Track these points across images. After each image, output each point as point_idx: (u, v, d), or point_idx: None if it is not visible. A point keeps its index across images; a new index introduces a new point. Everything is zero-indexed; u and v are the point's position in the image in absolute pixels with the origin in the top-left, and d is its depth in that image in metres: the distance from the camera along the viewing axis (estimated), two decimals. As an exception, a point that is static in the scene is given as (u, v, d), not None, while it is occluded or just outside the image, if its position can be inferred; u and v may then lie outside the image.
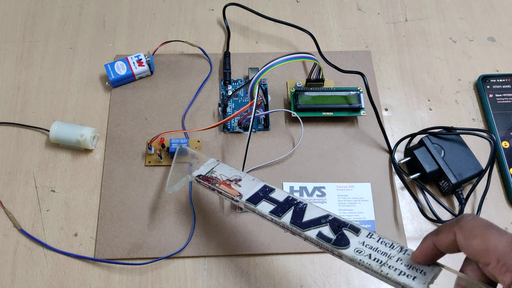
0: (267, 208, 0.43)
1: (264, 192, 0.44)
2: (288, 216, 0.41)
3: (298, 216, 0.41)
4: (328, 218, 0.40)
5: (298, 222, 0.41)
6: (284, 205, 0.42)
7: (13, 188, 0.55)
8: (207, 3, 0.69)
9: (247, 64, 0.64)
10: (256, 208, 0.43)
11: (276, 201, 0.43)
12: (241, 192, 0.45)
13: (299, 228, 0.40)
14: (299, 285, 0.50)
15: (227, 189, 0.45)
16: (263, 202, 0.43)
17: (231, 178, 0.46)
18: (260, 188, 0.45)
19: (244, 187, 0.45)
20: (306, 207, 0.42)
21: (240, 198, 0.44)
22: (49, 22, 0.67)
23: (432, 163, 0.54)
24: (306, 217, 0.41)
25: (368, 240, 0.38)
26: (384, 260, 0.36)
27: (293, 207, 0.42)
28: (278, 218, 0.42)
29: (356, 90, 0.59)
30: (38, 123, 0.59)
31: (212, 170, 0.48)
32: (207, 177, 0.47)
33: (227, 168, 0.48)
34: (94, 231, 0.52)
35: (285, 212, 0.42)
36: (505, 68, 0.65)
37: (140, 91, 0.61)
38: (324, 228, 0.40)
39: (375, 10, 0.70)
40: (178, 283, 0.50)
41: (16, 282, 0.50)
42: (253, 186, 0.45)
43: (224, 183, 0.46)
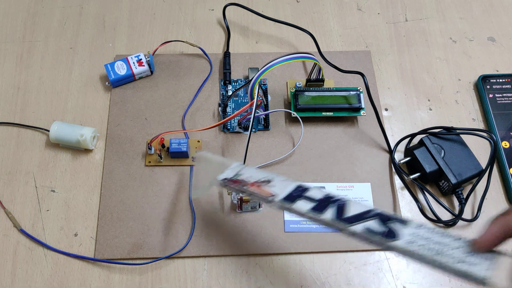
0: (306, 206, 0.41)
1: (299, 191, 0.42)
2: (329, 212, 0.40)
3: (340, 212, 0.40)
4: (372, 213, 0.39)
5: (342, 218, 0.39)
6: (323, 203, 0.41)
7: (13, 188, 0.55)
8: (207, 3, 0.69)
9: (247, 64, 0.64)
10: (293, 206, 0.41)
11: (314, 199, 0.41)
12: (275, 192, 0.43)
13: (344, 223, 0.39)
14: (299, 285, 0.50)
15: (258, 190, 0.44)
16: (300, 200, 0.41)
17: (261, 180, 0.44)
18: (294, 187, 0.43)
19: (276, 188, 0.43)
20: (346, 203, 0.40)
21: (274, 198, 0.42)
22: (49, 22, 0.67)
23: (432, 163, 0.54)
24: (349, 212, 0.39)
25: (419, 231, 0.37)
26: (439, 249, 0.35)
27: (333, 203, 0.40)
28: (319, 214, 0.40)
29: (356, 90, 0.59)
30: (38, 123, 0.59)
31: (238, 173, 0.46)
32: (234, 179, 0.45)
33: (254, 170, 0.47)
34: (94, 231, 0.52)
35: (325, 209, 0.40)
36: (505, 68, 0.65)
37: (140, 91, 0.61)
38: (370, 223, 0.38)
39: (375, 10, 0.70)
40: (178, 283, 0.50)
41: (16, 282, 0.50)
42: (285, 186, 0.43)
43: (254, 184, 0.44)
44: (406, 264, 0.52)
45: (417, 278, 0.51)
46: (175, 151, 0.55)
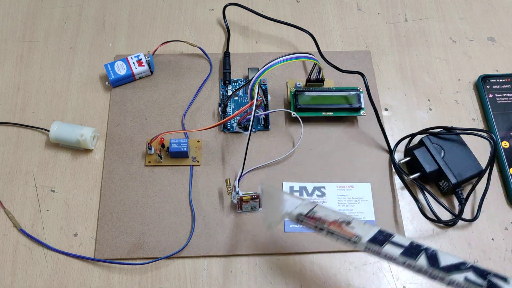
0: (397, 251, 0.40)
1: (383, 236, 0.41)
2: (422, 259, 0.39)
3: (433, 260, 0.39)
4: (467, 265, 0.38)
5: (437, 266, 0.38)
6: (412, 249, 0.40)
7: (13, 188, 0.55)
8: (207, 3, 0.69)
9: (247, 64, 0.64)
10: (382, 249, 0.40)
11: (402, 245, 0.40)
12: (358, 234, 0.42)
13: (442, 272, 0.38)
14: (299, 285, 0.50)
15: (340, 230, 0.42)
16: (387, 245, 0.41)
17: (339, 220, 0.43)
18: (376, 231, 0.42)
19: (357, 229, 0.42)
20: (437, 252, 0.39)
21: (360, 239, 0.41)
22: (49, 22, 0.67)
23: (432, 163, 0.54)
24: (443, 261, 0.39)
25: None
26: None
27: (424, 251, 0.40)
28: (413, 260, 0.39)
29: (356, 90, 0.59)
30: (38, 123, 0.59)
31: (312, 210, 0.45)
32: (311, 216, 0.44)
33: (329, 209, 0.46)
34: (94, 231, 0.52)
35: (418, 256, 0.39)
36: (505, 68, 0.65)
37: (140, 91, 0.61)
38: (469, 274, 0.38)
39: (375, 10, 0.70)
40: (178, 283, 0.50)
41: (16, 282, 0.50)
42: (367, 229, 0.42)
43: (333, 223, 0.43)
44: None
45: (417, 278, 0.51)
46: (175, 151, 0.55)
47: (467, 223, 0.54)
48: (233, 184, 0.55)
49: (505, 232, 0.54)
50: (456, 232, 0.54)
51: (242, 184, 0.55)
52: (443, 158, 0.54)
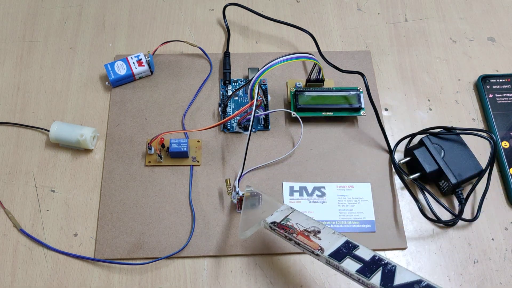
0: (353, 267, 0.40)
1: (347, 248, 0.42)
2: (377, 277, 0.39)
3: (388, 278, 0.39)
4: (422, 284, 0.38)
5: (389, 285, 0.38)
6: (371, 265, 0.40)
7: (13, 188, 0.55)
8: (207, 3, 0.69)
9: (247, 64, 0.64)
10: (340, 265, 0.41)
11: (362, 260, 0.41)
12: (322, 246, 0.42)
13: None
14: (299, 285, 0.50)
15: (306, 241, 0.43)
16: (347, 259, 0.41)
17: (309, 229, 0.44)
18: (342, 243, 0.42)
19: (324, 241, 0.43)
20: (395, 269, 0.39)
21: (322, 252, 0.42)
22: (49, 22, 0.67)
23: (432, 163, 0.54)
24: (398, 280, 0.38)
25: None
26: None
27: (381, 268, 0.39)
28: (366, 279, 0.39)
29: (356, 90, 0.59)
30: (38, 123, 0.59)
31: (287, 218, 0.46)
32: (282, 225, 0.45)
33: (303, 217, 0.46)
34: (94, 231, 0.52)
35: (373, 273, 0.39)
36: (505, 68, 0.65)
37: (140, 91, 0.61)
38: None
39: (375, 10, 0.70)
40: (178, 283, 0.50)
41: (16, 282, 0.50)
42: (334, 240, 0.43)
43: (302, 233, 0.44)
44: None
45: (417, 278, 0.51)
46: (175, 151, 0.55)
47: (467, 223, 0.54)
48: (233, 184, 0.55)
49: (505, 232, 0.54)
50: (456, 232, 0.54)
51: (242, 184, 0.55)
52: (443, 158, 0.54)
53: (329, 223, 0.53)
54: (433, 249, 0.53)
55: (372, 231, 0.53)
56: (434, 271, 0.51)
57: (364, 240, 0.52)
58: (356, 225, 0.53)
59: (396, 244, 0.53)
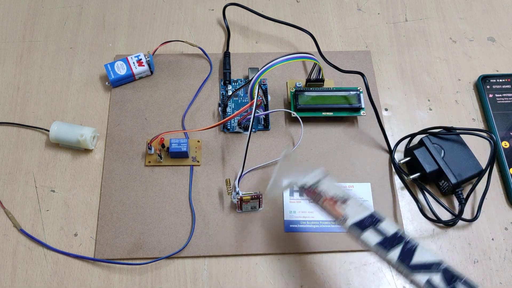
0: (374, 239, 0.40)
1: (371, 221, 0.41)
2: (396, 252, 0.39)
3: (407, 255, 0.38)
4: (441, 266, 0.37)
5: (407, 262, 0.38)
6: (392, 240, 0.39)
7: (13, 188, 0.55)
8: (207, 3, 0.69)
9: (247, 64, 0.64)
10: (361, 235, 0.40)
11: (384, 234, 0.40)
12: (346, 215, 0.42)
13: (407, 269, 0.38)
14: (299, 285, 0.50)
15: (331, 209, 0.43)
16: (369, 231, 0.40)
17: (336, 197, 0.44)
18: (367, 215, 0.42)
19: (350, 209, 0.42)
20: (416, 247, 0.39)
21: (345, 221, 0.42)
22: (49, 22, 0.67)
23: (432, 163, 0.54)
24: (416, 259, 0.38)
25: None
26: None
27: (402, 244, 0.39)
28: (384, 252, 0.39)
29: (356, 90, 0.59)
30: (38, 123, 0.59)
31: (318, 182, 0.45)
32: (311, 189, 0.45)
33: (334, 184, 0.45)
34: (94, 231, 0.52)
35: (393, 248, 0.39)
36: (505, 68, 0.65)
37: (140, 91, 0.61)
38: (435, 276, 0.37)
39: (375, 10, 0.70)
40: (178, 283, 0.50)
41: (16, 282, 0.50)
42: (359, 211, 0.42)
43: (329, 200, 0.43)
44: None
45: (417, 278, 0.51)
46: (175, 151, 0.55)
47: (467, 223, 0.54)
48: (233, 184, 0.55)
49: (505, 232, 0.54)
50: (456, 232, 0.54)
51: (242, 184, 0.55)
52: (443, 158, 0.54)
53: (329, 223, 0.53)
54: (433, 249, 0.53)
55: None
56: None
57: (364, 240, 0.52)
58: (356, 225, 0.53)
59: (396, 244, 0.52)
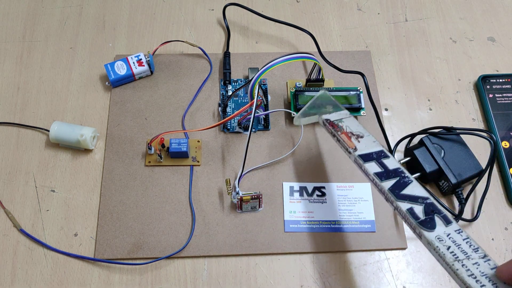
0: (374, 169, 0.45)
1: (378, 155, 0.46)
2: (389, 183, 0.43)
3: (399, 186, 0.43)
4: (426, 201, 0.41)
5: (396, 192, 0.42)
6: (390, 173, 0.44)
7: (13, 188, 0.55)
8: (207, 3, 0.69)
9: (247, 64, 0.64)
10: (363, 165, 0.46)
11: (385, 167, 0.45)
12: (357, 147, 0.47)
13: (394, 197, 0.42)
14: (299, 285, 0.50)
15: (346, 140, 0.48)
16: (373, 162, 0.46)
17: (354, 132, 0.49)
18: (376, 150, 0.47)
19: (362, 144, 0.47)
20: (410, 183, 0.43)
21: (354, 151, 0.47)
22: (49, 22, 0.67)
23: (432, 163, 0.54)
24: (406, 191, 0.42)
25: (454, 235, 0.39)
26: (461, 257, 0.37)
27: (399, 178, 0.44)
28: (379, 181, 0.44)
29: (356, 90, 0.59)
30: (38, 123, 0.59)
31: (341, 120, 0.51)
32: (333, 123, 0.50)
33: (356, 123, 0.50)
34: (94, 231, 0.52)
35: (388, 179, 0.44)
36: (505, 68, 0.65)
37: (140, 91, 0.61)
38: (417, 207, 0.41)
39: (375, 10, 0.70)
40: (178, 283, 0.50)
41: (16, 282, 0.50)
42: (371, 146, 0.47)
43: (346, 133, 0.49)
44: (406, 264, 0.52)
45: (417, 278, 0.51)
46: (175, 151, 0.55)
47: (467, 223, 0.54)
48: (233, 184, 0.55)
49: (505, 232, 0.54)
50: (456, 232, 0.54)
51: (242, 184, 0.55)
52: (443, 158, 0.54)
53: (329, 223, 0.53)
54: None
55: (372, 231, 0.53)
56: (434, 271, 0.51)
57: (364, 240, 0.52)
58: (356, 225, 0.53)
59: (396, 244, 0.53)
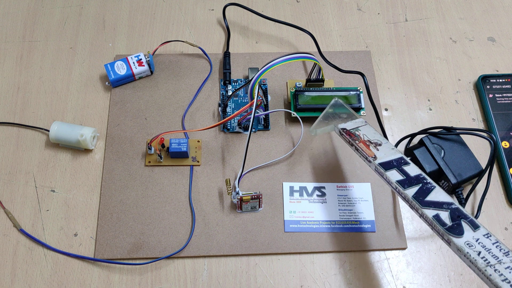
0: (396, 177, 0.45)
1: (398, 163, 0.46)
2: (413, 190, 0.43)
3: (422, 193, 0.43)
4: (451, 206, 0.41)
5: (420, 199, 0.42)
6: (413, 180, 0.44)
7: (13, 188, 0.55)
8: (207, 3, 0.69)
9: (247, 64, 0.64)
10: (385, 173, 0.45)
11: (407, 174, 0.45)
12: (377, 155, 0.47)
13: (419, 204, 0.42)
14: (299, 285, 0.50)
15: (365, 148, 0.48)
16: (394, 170, 0.45)
17: (372, 140, 0.49)
18: (396, 158, 0.46)
19: (381, 152, 0.47)
20: (433, 189, 0.43)
21: (374, 160, 0.47)
22: (49, 22, 0.67)
23: (432, 163, 0.54)
24: (430, 197, 0.42)
25: (483, 239, 0.38)
26: (492, 262, 0.36)
27: (421, 184, 0.44)
28: (402, 188, 0.44)
29: (356, 90, 0.59)
30: (38, 123, 0.59)
31: (357, 128, 0.51)
32: (350, 132, 0.50)
33: (372, 130, 0.50)
34: (94, 231, 0.52)
35: (411, 186, 0.44)
36: (505, 68, 0.65)
37: (140, 91, 0.61)
38: (443, 213, 0.41)
39: (375, 10, 0.70)
40: (178, 283, 0.50)
41: (16, 282, 0.50)
42: (390, 154, 0.47)
43: (364, 142, 0.49)
44: (406, 264, 0.52)
45: (417, 278, 0.51)
46: (175, 151, 0.55)
47: (467, 223, 0.54)
48: (233, 184, 0.55)
49: (505, 232, 0.54)
50: (456, 232, 0.54)
51: (242, 184, 0.55)
52: (443, 158, 0.54)
53: (329, 223, 0.53)
54: (433, 249, 0.53)
55: (372, 231, 0.53)
56: (434, 271, 0.52)
57: (364, 240, 0.52)
58: (356, 225, 0.53)
59: (396, 244, 0.53)
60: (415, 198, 0.43)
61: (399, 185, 0.44)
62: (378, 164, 0.46)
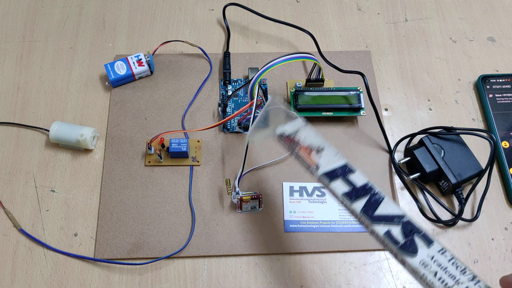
0: (341, 189, 0.40)
1: (343, 171, 0.41)
2: (360, 203, 0.39)
3: (371, 206, 0.39)
4: (403, 219, 0.38)
5: (370, 213, 0.38)
6: (359, 191, 0.40)
7: (13, 188, 0.55)
8: (207, 3, 0.69)
9: (247, 64, 0.64)
10: (330, 185, 0.41)
11: (353, 184, 0.40)
12: (319, 164, 0.42)
13: (368, 219, 0.38)
14: (299, 285, 0.50)
15: (306, 156, 0.43)
16: (339, 180, 0.41)
17: (313, 145, 0.43)
18: (340, 165, 0.42)
19: (324, 159, 0.42)
20: (382, 200, 0.39)
21: (317, 170, 0.42)
22: (49, 22, 0.67)
23: (432, 163, 0.54)
24: (380, 210, 0.38)
25: (439, 256, 0.36)
26: (450, 284, 0.34)
27: (369, 196, 0.39)
28: (349, 202, 0.39)
29: (356, 90, 0.59)
30: (38, 123, 0.59)
31: (297, 130, 0.45)
32: (289, 137, 0.44)
33: (313, 133, 0.45)
34: (94, 231, 0.52)
35: (358, 198, 0.39)
36: (505, 68, 0.65)
37: (140, 91, 0.61)
38: (394, 228, 0.37)
39: (375, 10, 0.70)
40: (178, 283, 0.50)
41: (16, 282, 0.50)
42: (333, 161, 0.42)
43: (305, 148, 0.43)
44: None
45: (417, 278, 0.51)
46: (175, 151, 0.55)
47: (467, 223, 0.54)
48: (233, 184, 0.55)
49: (505, 232, 0.54)
50: (456, 232, 0.54)
51: (242, 184, 0.55)
52: (443, 158, 0.54)
53: (329, 223, 0.53)
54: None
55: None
56: None
57: (364, 240, 0.52)
58: (356, 225, 0.53)
59: (396, 244, 0.52)
60: (364, 213, 0.38)
61: (346, 198, 0.40)
62: (322, 175, 0.41)
